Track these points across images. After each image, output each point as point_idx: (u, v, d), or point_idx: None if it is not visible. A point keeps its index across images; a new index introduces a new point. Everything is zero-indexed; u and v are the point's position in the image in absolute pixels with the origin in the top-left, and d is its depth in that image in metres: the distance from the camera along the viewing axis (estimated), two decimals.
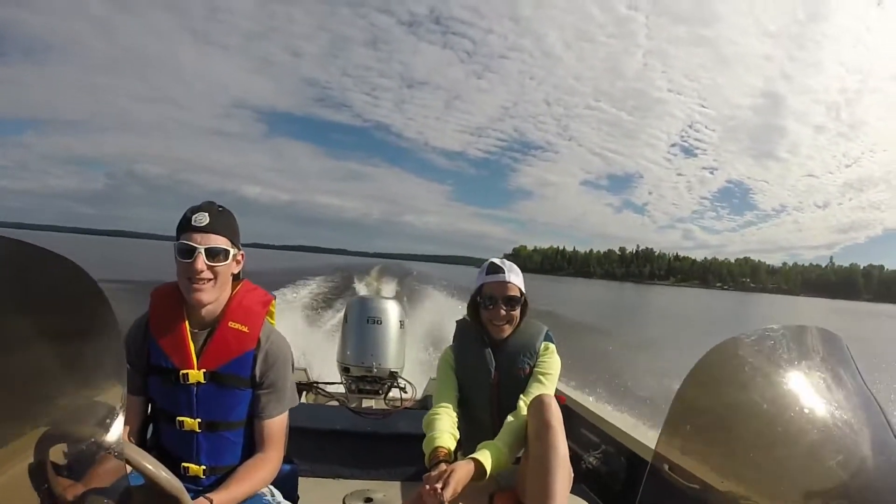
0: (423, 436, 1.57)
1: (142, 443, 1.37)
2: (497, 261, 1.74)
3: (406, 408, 2.92)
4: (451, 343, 1.84)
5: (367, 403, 3.18)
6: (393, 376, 3.37)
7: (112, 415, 0.76)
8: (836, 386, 0.83)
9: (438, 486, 1.29)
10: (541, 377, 1.64)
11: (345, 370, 3.41)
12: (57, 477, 0.76)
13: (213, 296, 1.30)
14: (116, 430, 0.76)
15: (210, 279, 1.29)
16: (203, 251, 1.26)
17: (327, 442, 2.44)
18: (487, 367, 1.69)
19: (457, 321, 1.86)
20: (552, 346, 1.72)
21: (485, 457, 1.41)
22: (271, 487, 1.41)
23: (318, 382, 3.25)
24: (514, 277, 1.71)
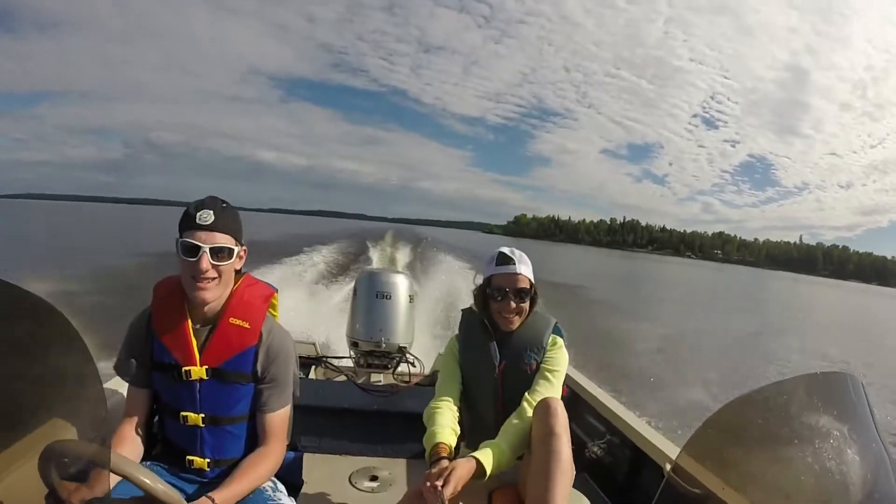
0: None
1: (148, 435, 1.39)
2: (507, 251, 1.65)
3: (415, 384, 2.92)
4: (456, 332, 1.77)
5: (375, 378, 3.20)
6: (402, 351, 3.37)
7: (102, 434, 0.79)
8: (847, 438, 0.85)
9: (439, 483, 1.27)
10: (548, 374, 1.58)
11: (354, 345, 3.42)
12: (51, 485, 0.76)
13: (216, 294, 1.29)
14: (108, 448, 0.79)
15: (214, 278, 1.27)
16: (208, 250, 1.24)
17: (334, 419, 2.46)
18: (492, 360, 1.63)
19: (462, 310, 1.80)
20: (560, 341, 1.65)
21: (486, 456, 1.38)
22: (274, 480, 1.41)
23: (326, 357, 3.27)
24: (525, 269, 1.63)
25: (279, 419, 1.38)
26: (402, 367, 3.36)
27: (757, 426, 0.88)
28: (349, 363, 3.44)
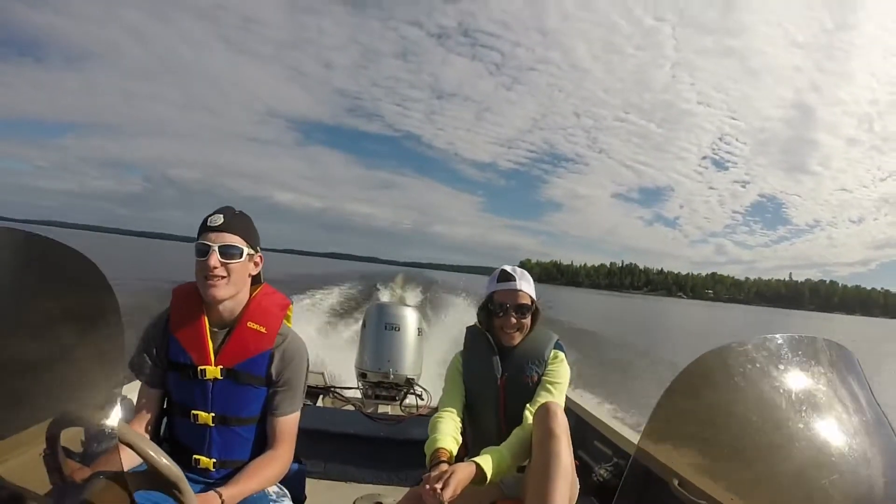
0: None
1: (156, 435, 1.42)
2: (508, 268, 1.73)
3: (420, 414, 2.91)
4: (461, 350, 1.82)
5: (382, 409, 3.19)
6: (409, 383, 3.37)
7: (112, 401, 0.79)
8: (838, 397, 0.80)
9: (438, 486, 1.29)
10: (549, 386, 1.61)
11: (362, 375, 3.43)
12: (61, 460, 0.80)
13: (226, 292, 1.34)
14: (116, 416, 0.79)
15: (223, 276, 1.32)
16: (217, 249, 1.31)
17: (340, 445, 2.46)
18: (494, 373, 1.67)
19: (467, 327, 1.85)
20: (561, 355, 1.70)
21: (486, 461, 1.40)
22: (281, 487, 1.43)
23: (335, 387, 3.28)
24: (526, 285, 1.69)
25: (289, 424, 1.41)
26: (410, 399, 3.35)
27: (727, 386, 0.80)
28: (357, 394, 3.44)
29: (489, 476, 1.39)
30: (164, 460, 0.92)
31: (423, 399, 3.30)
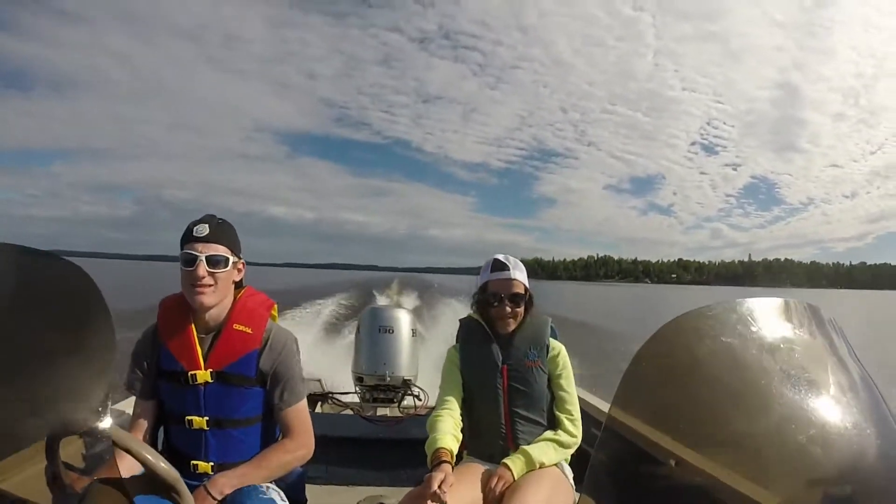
0: None
1: (153, 445, 1.44)
2: (501, 257, 1.74)
3: (418, 414, 2.93)
4: (455, 343, 1.83)
5: (381, 412, 3.21)
6: (406, 384, 3.40)
7: (107, 408, 0.81)
8: (812, 354, 0.78)
9: (436, 485, 1.30)
10: (564, 385, 1.68)
11: (359, 379, 3.46)
12: (60, 470, 0.82)
13: (214, 299, 1.38)
14: (112, 422, 0.81)
15: (211, 284, 1.36)
16: (204, 259, 1.35)
17: (339, 449, 2.47)
18: (495, 360, 1.68)
19: (460, 319, 1.87)
20: (562, 348, 1.73)
21: (514, 463, 1.50)
22: (280, 492, 1.42)
23: (332, 393, 3.30)
24: (519, 274, 1.71)
25: (297, 412, 1.44)
26: (408, 401, 3.38)
27: (711, 339, 0.77)
28: (355, 398, 3.46)
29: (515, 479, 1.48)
30: (160, 463, 0.93)
31: (420, 399, 3.33)
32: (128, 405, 1.61)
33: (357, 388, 3.51)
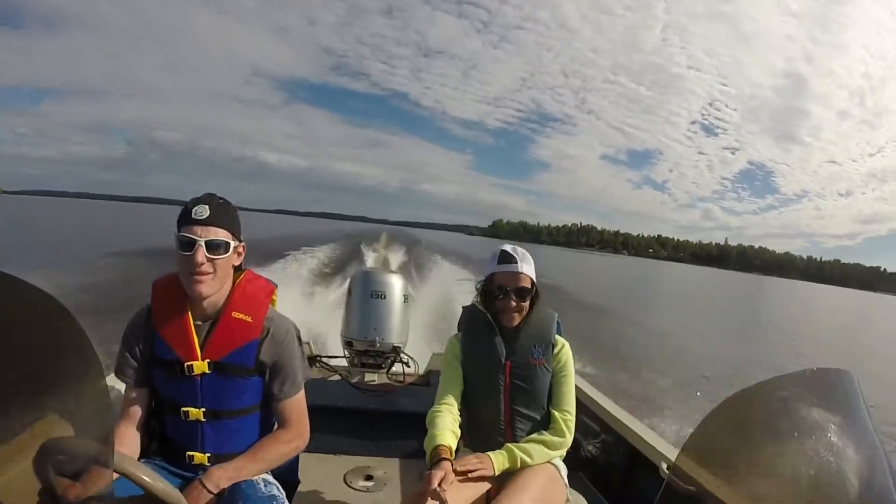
0: (424, 414, 1.57)
1: (145, 433, 1.38)
2: (509, 249, 1.65)
3: (409, 384, 2.91)
4: (456, 330, 1.77)
5: (369, 377, 3.19)
6: (396, 351, 3.36)
7: (104, 431, 0.76)
8: (842, 433, 0.85)
9: (436, 483, 1.27)
10: (565, 383, 1.63)
11: (348, 344, 3.41)
12: (55, 495, 0.74)
13: (213, 288, 1.29)
14: (110, 445, 0.76)
15: (210, 272, 1.26)
16: (203, 244, 1.24)
17: (328, 418, 2.45)
18: (498, 355, 1.62)
19: (463, 307, 1.79)
20: (566, 345, 1.66)
21: (496, 457, 1.46)
22: (277, 485, 1.39)
23: (321, 356, 3.26)
24: (526, 267, 1.62)
25: (294, 404, 1.40)
26: (397, 367, 3.35)
27: (755, 422, 0.89)
28: (343, 363, 3.43)
29: (495, 473, 1.45)
30: (160, 485, 0.91)
31: (409, 367, 3.31)
32: (113, 380, 1.53)
33: (346, 353, 3.47)
